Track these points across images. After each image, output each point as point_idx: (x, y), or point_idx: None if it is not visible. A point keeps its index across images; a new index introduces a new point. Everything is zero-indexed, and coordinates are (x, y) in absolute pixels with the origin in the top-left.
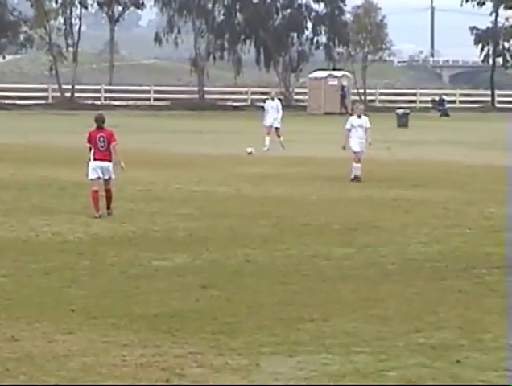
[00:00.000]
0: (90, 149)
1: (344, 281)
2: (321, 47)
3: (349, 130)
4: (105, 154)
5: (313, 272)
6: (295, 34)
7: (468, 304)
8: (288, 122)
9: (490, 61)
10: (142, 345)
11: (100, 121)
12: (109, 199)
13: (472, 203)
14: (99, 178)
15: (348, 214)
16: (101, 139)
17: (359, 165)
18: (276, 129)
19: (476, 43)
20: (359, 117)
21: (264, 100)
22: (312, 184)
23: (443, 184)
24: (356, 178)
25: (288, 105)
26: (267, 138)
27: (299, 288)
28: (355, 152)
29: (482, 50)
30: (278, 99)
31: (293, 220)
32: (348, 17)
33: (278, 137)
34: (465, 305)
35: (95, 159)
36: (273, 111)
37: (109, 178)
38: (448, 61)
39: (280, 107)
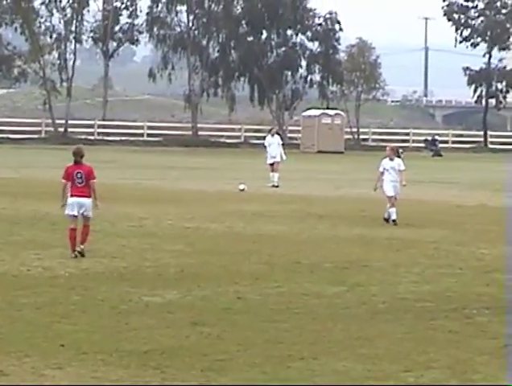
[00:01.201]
0: (65, 185)
1: (335, 320)
2: (315, 86)
3: (382, 173)
4: (82, 190)
5: (304, 310)
6: (289, 73)
7: (458, 344)
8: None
9: (483, 102)
10: (131, 381)
11: (78, 156)
12: (84, 234)
13: (464, 243)
14: (76, 215)
15: (339, 252)
16: (79, 175)
17: (394, 209)
18: (277, 163)
19: (470, 83)
20: (391, 159)
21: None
22: (304, 222)
23: (434, 224)
24: (393, 221)
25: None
26: (271, 174)
27: (290, 326)
28: (388, 196)
29: (475, 91)
30: (278, 134)
31: (285, 258)
32: (342, 56)
33: (276, 172)
34: (455, 346)
35: (72, 195)
36: (273, 147)
37: (88, 215)
38: (441, 101)
39: (281, 142)
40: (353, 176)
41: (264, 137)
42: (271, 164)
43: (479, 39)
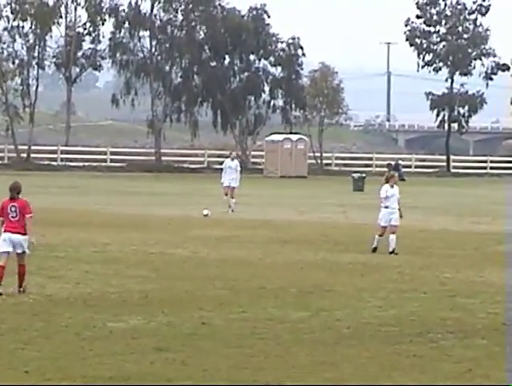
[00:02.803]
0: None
1: (300, 345)
2: (278, 111)
3: (386, 198)
4: (16, 226)
5: (269, 335)
6: (252, 98)
7: (422, 368)
8: (244, 185)
9: (446, 126)
10: None
11: (14, 191)
12: (21, 275)
13: (428, 267)
14: (9, 252)
15: (303, 277)
16: (13, 209)
17: (381, 237)
18: (233, 188)
19: (432, 108)
20: (392, 186)
21: (225, 158)
22: (268, 247)
23: (398, 248)
24: (374, 250)
25: (245, 168)
26: (225, 198)
27: (255, 351)
28: (381, 226)
29: (438, 115)
30: (237, 159)
31: (249, 283)
32: (305, 81)
33: (232, 197)
34: (420, 370)
35: (5, 231)
36: (231, 171)
37: (23, 253)
38: (403, 126)
39: (239, 168)
40: (316, 201)
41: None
42: (227, 186)
43: (441, 64)
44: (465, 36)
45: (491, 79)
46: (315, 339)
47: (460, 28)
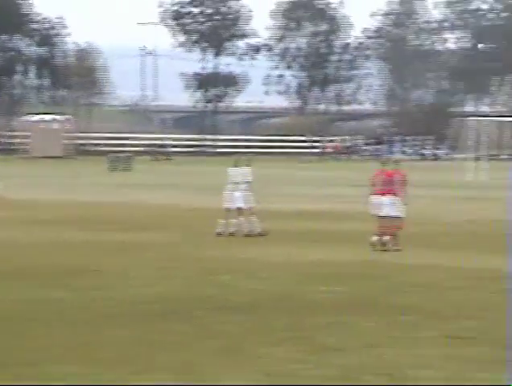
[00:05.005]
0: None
1: (63, 325)
2: (38, 90)
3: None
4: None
5: (31, 316)
6: (12, 77)
7: (184, 346)
8: (1, 165)
9: (207, 106)
10: None
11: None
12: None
13: (191, 246)
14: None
15: (66, 257)
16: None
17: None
18: None
19: (191, 88)
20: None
21: None
22: (29, 228)
23: (163, 227)
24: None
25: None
26: None
27: (18, 333)
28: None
29: (198, 95)
30: None
31: (8, 264)
32: (68, 60)
33: None
34: (182, 348)
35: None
36: None
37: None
38: (166, 106)
39: None
40: (72, 181)
41: None
42: None
43: (197, 45)
44: (219, 17)
45: (246, 59)
46: (80, 319)
47: (222, 8)
